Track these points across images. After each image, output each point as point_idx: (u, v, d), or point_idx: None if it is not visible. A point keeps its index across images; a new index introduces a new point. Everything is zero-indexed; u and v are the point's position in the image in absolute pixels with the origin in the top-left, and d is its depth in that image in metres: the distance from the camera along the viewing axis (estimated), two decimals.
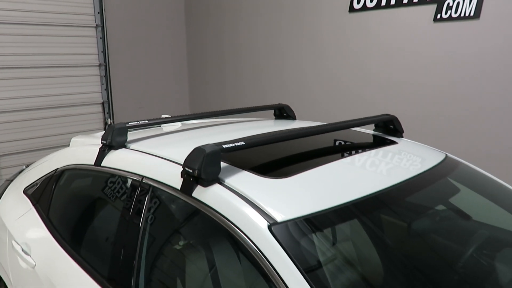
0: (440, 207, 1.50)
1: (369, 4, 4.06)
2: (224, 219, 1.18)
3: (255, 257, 1.09)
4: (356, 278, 1.18)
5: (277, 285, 1.02)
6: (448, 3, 3.53)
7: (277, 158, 1.54)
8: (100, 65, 5.38)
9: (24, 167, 2.63)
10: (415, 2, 3.73)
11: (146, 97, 5.85)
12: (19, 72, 4.76)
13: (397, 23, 3.86)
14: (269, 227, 1.11)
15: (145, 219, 1.42)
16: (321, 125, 1.72)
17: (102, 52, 5.35)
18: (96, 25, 5.27)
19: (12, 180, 2.44)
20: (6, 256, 2.00)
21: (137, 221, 1.43)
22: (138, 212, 1.44)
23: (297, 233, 1.11)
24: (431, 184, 1.49)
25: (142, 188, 1.47)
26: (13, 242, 1.95)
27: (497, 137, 3.37)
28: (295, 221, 1.13)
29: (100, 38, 5.31)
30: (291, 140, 1.64)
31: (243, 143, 1.38)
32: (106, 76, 5.42)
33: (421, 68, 3.75)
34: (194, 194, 1.28)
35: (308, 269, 1.03)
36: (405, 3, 3.80)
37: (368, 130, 2.04)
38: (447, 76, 3.59)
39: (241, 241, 1.13)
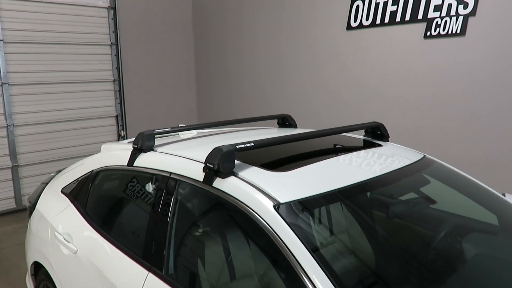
0: (412, 194, 1.85)
1: (365, 23, 4.44)
2: (240, 202, 1.53)
3: (264, 229, 1.43)
4: (335, 240, 1.55)
5: (281, 248, 1.36)
6: (437, 22, 3.90)
7: (280, 157, 1.89)
8: (114, 81, 5.79)
9: (55, 173, 2.99)
10: (407, 21, 4.10)
11: (156, 110, 6.24)
12: (40, 88, 5.18)
13: (391, 40, 4.23)
14: (275, 207, 1.45)
15: (174, 206, 1.77)
16: (317, 131, 2.08)
17: (116, 68, 5.76)
18: (111, 43, 5.69)
19: (47, 184, 2.79)
20: (48, 246, 2.35)
21: (167, 208, 1.78)
22: (168, 201, 1.79)
23: (295, 211, 1.46)
24: (406, 177, 1.84)
25: (171, 182, 1.82)
26: (56, 233, 2.30)
27: (482, 144, 3.69)
28: (294, 202, 1.48)
29: (115, 55, 5.73)
30: (292, 143, 2.00)
31: (252, 144, 1.74)
32: (120, 90, 5.82)
33: (413, 81, 4.11)
34: (214, 184, 1.63)
35: (303, 237, 1.37)
36: (398, 22, 4.18)
37: (359, 136, 2.40)
38: (436, 88, 3.94)
39: (253, 218, 1.47)
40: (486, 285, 1.53)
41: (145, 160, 2.03)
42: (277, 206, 1.45)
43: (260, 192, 1.51)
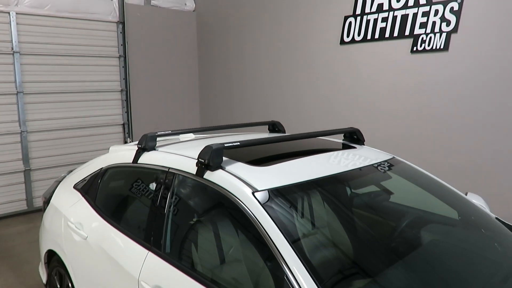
0: (373, 187, 2.17)
1: (357, 38, 4.80)
2: (226, 190, 1.85)
3: (244, 212, 1.75)
4: (300, 219, 1.88)
5: (256, 226, 1.68)
6: (422, 38, 4.24)
7: (262, 155, 2.22)
8: (121, 91, 6.19)
9: (66, 173, 3.33)
10: (395, 36, 4.45)
11: (161, 119, 6.61)
12: (52, 97, 5.58)
13: (380, 54, 4.57)
14: (253, 193, 1.78)
15: (171, 195, 2.10)
16: (298, 134, 2.41)
17: (123, 79, 6.16)
18: (119, 55, 6.10)
19: (60, 181, 3.14)
20: (61, 235, 2.69)
21: (165, 197, 2.11)
22: (166, 191, 2.12)
23: (269, 197, 1.78)
24: (370, 173, 2.16)
25: (169, 175, 2.16)
26: (68, 223, 2.63)
27: (464, 152, 3.99)
28: (268, 190, 1.80)
29: (122, 67, 6.13)
30: (276, 144, 2.34)
31: (238, 143, 2.08)
32: (126, 100, 6.21)
33: (400, 92, 4.43)
34: (205, 176, 1.96)
35: (274, 217, 1.69)
36: (387, 37, 4.52)
37: (338, 140, 2.72)
38: (422, 99, 4.26)
39: (236, 203, 1.79)
40: (441, 263, 1.83)
41: (147, 158, 2.37)
42: (254, 193, 1.78)
43: (242, 182, 1.84)
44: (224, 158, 2.01)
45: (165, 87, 6.70)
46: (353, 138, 2.67)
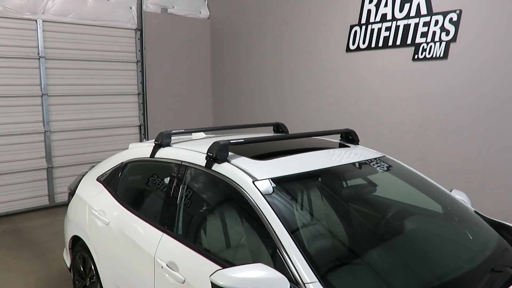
0: (359, 180, 2.46)
1: (362, 46, 5.09)
2: (230, 179, 2.17)
3: (246, 198, 2.06)
4: (295, 205, 2.17)
5: (256, 210, 1.99)
6: (423, 46, 4.51)
7: (263, 151, 2.54)
8: (138, 94, 6.58)
9: (89, 168, 3.69)
10: (398, 45, 4.73)
11: (176, 120, 6.98)
12: (74, 99, 5.99)
13: (384, 61, 4.86)
14: (253, 182, 2.09)
15: (183, 185, 2.43)
16: (296, 134, 2.72)
17: (140, 83, 6.55)
18: (137, 60, 6.50)
19: (83, 175, 3.50)
20: (86, 221, 3.04)
21: (178, 186, 2.44)
22: (179, 180, 2.45)
23: (268, 186, 2.09)
24: (361, 168, 2.46)
25: (181, 168, 2.49)
26: (92, 210, 2.98)
27: (461, 156, 4.24)
28: (267, 179, 2.11)
29: (140, 71, 6.52)
30: (276, 142, 2.65)
31: (242, 140, 2.40)
32: (143, 103, 6.60)
33: (402, 97, 4.70)
34: (213, 168, 2.28)
35: (272, 203, 2.00)
36: (390, 46, 4.81)
37: (335, 140, 3.02)
38: (422, 104, 4.53)
39: (239, 190, 2.10)
40: (421, 248, 2.13)
41: (163, 153, 2.71)
42: (254, 181, 2.09)
43: (244, 173, 2.16)
44: (230, 153, 2.33)
45: (179, 91, 7.08)
46: (348, 138, 2.96)
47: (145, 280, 2.39)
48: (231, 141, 2.35)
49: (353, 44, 5.19)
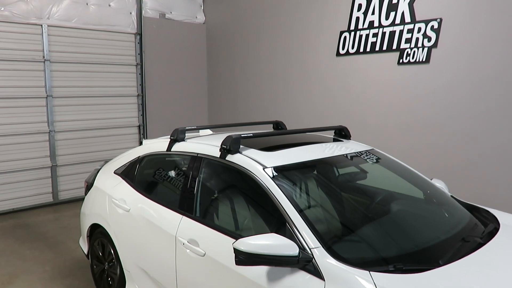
0: (352, 168, 2.89)
1: (351, 50, 5.53)
2: (243, 167, 2.56)
3: (257, 182, 2.45)
4: (298, 187, 2.58)
5: (268, 193, 2.38)
6: (407, 51, 4.96)
7: (269, 144, 2.94)
8: (138, 95, 6.93)
9: (103, 163, 4.02)
10: (384, 50, 5.18)
11: (173, 121, 7.33)
12: (77, 100, 6.32)
13: (371, 65, 5.30)
14: (263, 169, 2.48)
15: (200, 173, 2.82)
16: (298, 129, 3.13)
17: (140, 85, 6.91)
18: (137, 63, 6.85)
19: (99, 170, 3.85)
20: (106, 210, 3.40)
21: (196, 174, 2.83)
22: (196, 170, 2.84)
23: (275, 171, 2.49)
24: (353, 158, 2.88)
25: (198, 159, 2.87)
26: (113, 199, 3.35)
27: (442, 154, 4.70)
28: (274, 167, 2.51)
29: (139, 74, 6.88)
30: (280, 136, 3.06)
31: (251, 134, 2.80)
32: (142, 104, 6.95)
33: (388, 98, 5.15)
34: (227, 158, 2.68)
35: (279, 185, 2.39)
36: (377, 50, 5.26)
37: (329, 135, 3.44)
38: (406, 105, 4.98)
39: (251, 176, 2.50)
40: (404, 223, 2.56)
41: (179, 147, 3.09)
42: (264, 169, 2.49)
43: (255, 162, 2.55)
44: (240, 146, 2.73)
45: (177, 93, 7.45)
46: (341, 134, 3.38)
47: (167, 256, 2.76)
48: (242, 135, 2.75)
49: (343, 48, 5.63)
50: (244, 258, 2.01)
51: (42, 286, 3.79)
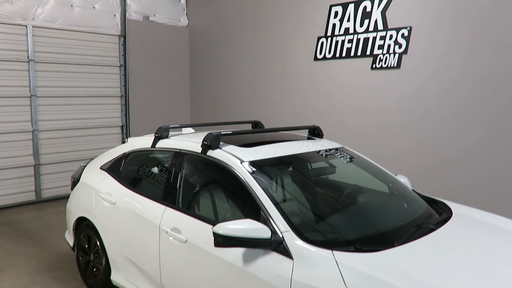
0: (322, 163, 3.19)
1: (327, 55, 5.87)
2: (222, 161, 2.83)
3: (235, 175, 2.72)
4: (272, 179, 2.87)
5: (244, 184, 2.65)
6: (380, 57, 5.31)
7: (247, 141, 3.21)
8: (121, 96, 7.13)
9: (88, 161, 4.24)
10: (358, 55, 5.52)
11: (156, 121, 7.48)
12: (61, 100, 6.49)
13: (347, 69, 5.64)
14: (241, 163, 2.76)
15: (182, 168, 3.07)
16: (274, 128, 3.42)
17: (123, 86, 7.11)
18: (120, 65, 7.06)
19: (85, 166, 4.07)
20: (93, 204, 3.62)
21: (178, 168, 3.08)
22: (179, 165, 3.09)
23: (251, 165, 2.76)
24: (323, 154, 3.18)
25: (180, 154, 3.13)
26: (99, 193, 3.57)
27: (412, 155, 5.05)
28: (250, 161, 2.79)
29: (123, 75, 7.08)
30: (258, 134, 3.35)
31: (230, 132, 3.08)
32: (125, 104, 7.15)
33: (361, 100, 5.49)
34: (207, 154, 2.94)
35: (255, 177, 2.66)
36: (352, 56, 5.60)
37: (303, 134, 3.73)
38: (379, 107, 5.32)
39: (230, 170, 2.76)
40: (368, 212, 2.86)
41: (163, 143, 3.34)
42: (242, 162, 2.76)
43: (233, 156, 2.82)
44: (220, 142, 3.00)
45: (160, 94, 7.67)
46: (314, 133, 3.68)
47: (151, 245, 3.01)
48: (222, 132, 3.02)
49: (320, 53, 5.95)
50: (222, 241, 2.28)
51: (29, 278, 3.97)
